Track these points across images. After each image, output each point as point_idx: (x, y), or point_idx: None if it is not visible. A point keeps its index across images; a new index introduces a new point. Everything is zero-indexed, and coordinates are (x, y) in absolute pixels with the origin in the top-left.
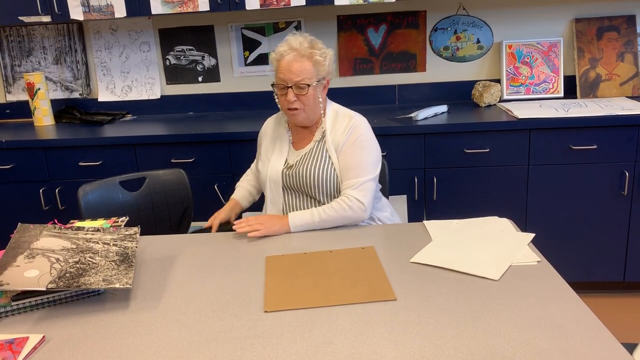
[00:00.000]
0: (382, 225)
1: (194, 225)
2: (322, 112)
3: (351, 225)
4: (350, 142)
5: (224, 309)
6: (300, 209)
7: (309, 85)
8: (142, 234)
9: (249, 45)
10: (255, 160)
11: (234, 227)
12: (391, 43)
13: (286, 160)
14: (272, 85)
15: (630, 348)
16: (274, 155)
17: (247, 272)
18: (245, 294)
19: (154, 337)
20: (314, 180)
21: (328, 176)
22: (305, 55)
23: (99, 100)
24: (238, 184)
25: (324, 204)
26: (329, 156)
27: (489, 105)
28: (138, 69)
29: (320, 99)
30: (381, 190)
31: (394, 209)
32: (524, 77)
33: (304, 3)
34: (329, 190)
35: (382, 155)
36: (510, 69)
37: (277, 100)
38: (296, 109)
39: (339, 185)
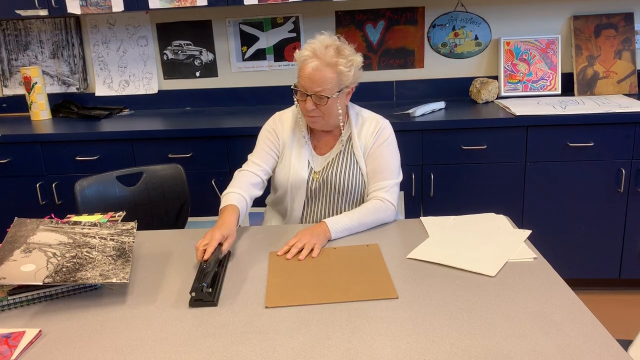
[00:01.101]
0: None
1: (191, 220)
2: (345, 116)
3: None
4: (379, 144)
5: (223, 304)
6: (321, 216)
7: (328, 97)
8: (138, 229)
9: (247, 40)
10: (256, 160)
11: (278, 254)
12: (389, 39)
13: (309, 165)
14: (292, 88)
15: (625, 344)
16: (293, 158)
17: (250, 267)
18: (246, 289)
19: (151, 332)
20: (344, 186)
21: (357, 181)
22: (329, 65)
23: (96, 94)
24: (234, 190)
25: (344, 210)
26: (357, 161)
27: (487, 102)
28: (135, 64)
29: (341, 108)
30: None
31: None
32: (521, 74)
33: None
34: (356, 196)
35: None
36: (508, 66)
37: (296, 103)
38: (314, 116)
39: (365, 191)
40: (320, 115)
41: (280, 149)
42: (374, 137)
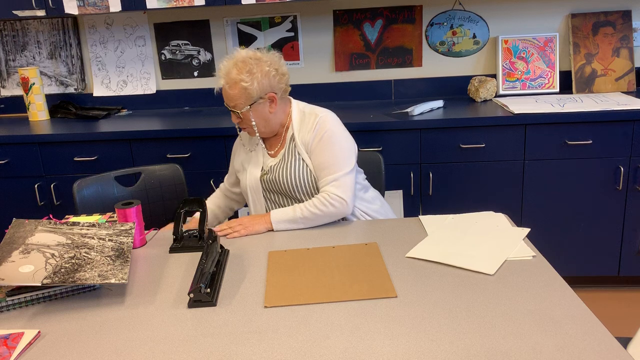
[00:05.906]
0: (378, 220)
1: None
2: (286, 118)
3: (350, 221)
4: (318, 140)
5: (222, 304)
6: None
7: (239, 112)
8: None
9: (245, 40)
10: (227, 175)
11: (215, 230)
12: (387, 38)
13: (262, 167)
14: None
15: (624, 342)
16: (250, 164)
17: (248, 267)
18: (245, 289)
19: (150, 332)
20: (292, 183)
21: (304, 177)
22: (232, 83)
23: (94, 95)
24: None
25: None
26: (302, 158)
27: (485, 101)
28: (133, 64)
29: (264, 117)
30: (377, 185)
31: (384, 200)
32: (519, 72)
33: None
34: (308, 189)
35: (378, 151)
36: (506, 64)
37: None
38: (244, 127)
39: (317, 184)
40: (248, 126)
41: (235, 163)
42: (312, 132)
